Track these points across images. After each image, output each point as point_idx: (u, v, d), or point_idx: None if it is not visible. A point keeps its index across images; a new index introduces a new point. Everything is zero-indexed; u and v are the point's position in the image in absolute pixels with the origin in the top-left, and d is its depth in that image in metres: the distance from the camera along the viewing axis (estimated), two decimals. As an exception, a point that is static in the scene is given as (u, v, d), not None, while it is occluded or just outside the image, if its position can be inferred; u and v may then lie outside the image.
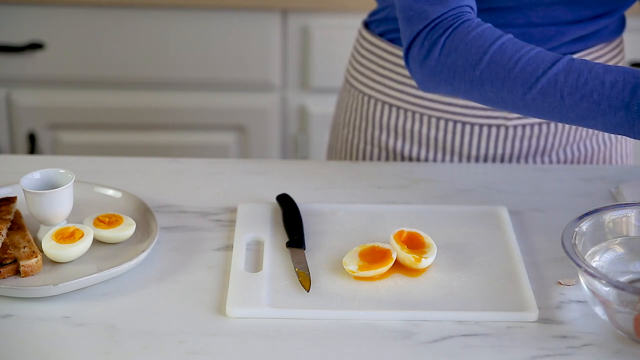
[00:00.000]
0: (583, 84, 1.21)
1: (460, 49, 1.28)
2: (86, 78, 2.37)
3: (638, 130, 1.19)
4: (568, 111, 1.23)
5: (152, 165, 1.50)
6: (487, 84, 1.27)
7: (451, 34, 1.29)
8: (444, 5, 1.29)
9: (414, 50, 1.32)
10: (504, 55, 1.26)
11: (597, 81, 1.21)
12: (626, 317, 1.10)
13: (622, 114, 1.19)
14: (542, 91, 1.23)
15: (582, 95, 1.21)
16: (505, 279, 1.22)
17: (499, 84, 1.26)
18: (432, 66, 1.30)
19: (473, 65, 1.27)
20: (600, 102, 1.20)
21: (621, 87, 1.19)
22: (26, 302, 1.16)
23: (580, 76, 1.22)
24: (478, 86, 1.28)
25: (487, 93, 1.28)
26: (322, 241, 1.29)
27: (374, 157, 1.61)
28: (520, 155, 1.56)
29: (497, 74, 1.26)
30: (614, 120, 1.20)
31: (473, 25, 1.28)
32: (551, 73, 1.23)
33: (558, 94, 1.23)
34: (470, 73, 1.27)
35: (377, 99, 1.58)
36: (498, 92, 1.27)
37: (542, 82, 1.23)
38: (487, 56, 1.26)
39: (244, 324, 1.14)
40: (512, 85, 1.25)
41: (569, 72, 1.22)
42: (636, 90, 1.18)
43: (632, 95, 1.19)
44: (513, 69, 1.25)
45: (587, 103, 1.21)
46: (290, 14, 2.33)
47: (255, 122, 2.42)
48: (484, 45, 1.27)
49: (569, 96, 1.22)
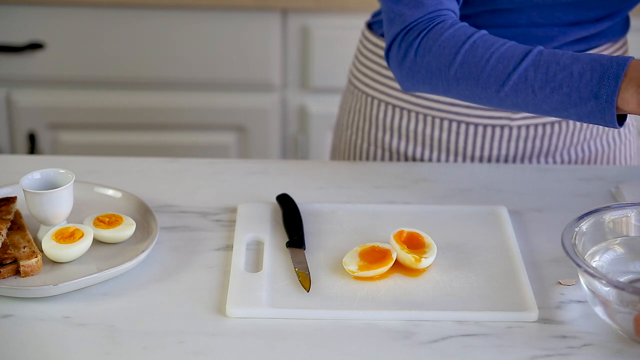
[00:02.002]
0: (552, 76, 1.23)
1: (433, 51, 1.30)
2: (86, 78, 2.37)
3: (609, 118, 1.20)
4: (541, 104, 1.25)
5: (152, 165, 1.50)
6: (462, 82, 1.29)
7: (425, 36, 1.31)
8: (421, 9, 1.32)
9: (393, 52, 1.35)
10: (476, 53, 1.28)
11: (565, 73, 1.22)
12: (626, 317, 1.10)
13: (592, 103, 1.21)
14: (514, 87, 1.25)
15: (552, 88, 1.23)
16: (505, 279, 1.22)
17: (473, 82, 1.28)
18: (410, 67, 1.33)
19: (447, 66, 1.29)
20: (570, 94, 1.22)
21: (589, 77, 1.20)
22: (26, 302, 1.16)
23: (549, 69, 1.23)
24: (454, 85, 1.30)
25: (463, 91, 1.30)
26: (322, 241, 1.29)
27: (377, 158, 1.61)
28: (525, 156, 1.56)
29: (470, 73, 1.28)
30: (585, 110, 1.22)
31: (447, 25, 1.31)
32: (521, 69, 1.25)
33: (530, 89, 1.25)
34: (445, 73, 1.30)
35: (380, 100, 1.58)
36: (473, 90, 1.29)
37: (513, 79, 1.25)
38: (459, 56, 1.28)
39: (244, 324, 1.14)
40: (485, 83, 1.27)
41: (538, 66, 1.24)
42: (603, 80, 1.19)
43: (599, 85, 1.20)
44: (485, 67, 1.27)
45: (558, 95, 1.23)
46: (290, 14, 2.33)
47: (255, 122, 2.42)
48: (456, 45, 1.29)
49: (540, 90, 1.24)
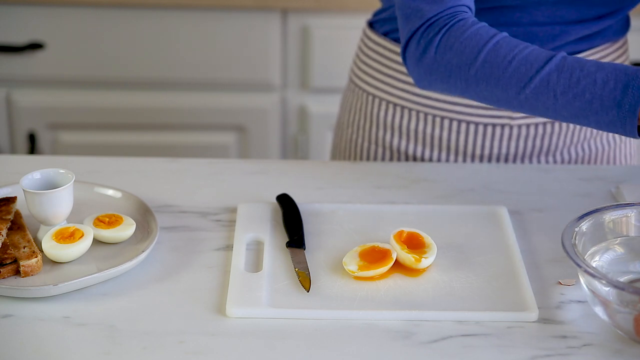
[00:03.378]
0: (575, 82, 1.22)
1: (455, 48, 1.28)
2: (86, 78, 2.37)
3: (630, 128, 1.20)
4: (561, 110, 1.24)
5: (152, 165, 1.50)
6: (482, 82, 1.28)
7: (446, 33, 1.29)
8: (440, 4, 1.30)
9: (410, 48, 1.33)
10: (498, 54, 1.26)
11: (589, 80, 1.21)
12: (626, 317, 1.10)
13: (614, 112, 1.20)
14: (536, 90, 1.24)
15: (574, 94, 1.22)
16: (505, 279, 1.22)
17: (494, 83, 1.27)
18: (429, 64, 1.31)
19: (468, 64, 1.28)
20: (592, 101, 1.21)
21: (612, 86, 1.20)
22: (26, 302, 1.16)
23: (572, 75, 1.22)
24: (473, 85, 1.29)
25: (482, 92, 1.29)
26: (322, 241, 1.29)
27: (378, 157, 1.60)
28: (525, 155, 1.56)
29: (492, 73, 1.26)
30: (606, 119, 1.21)
31: (468, 24, 1.29)
32: (544, 72, 1.23)
33: (551, 93, 1.23)
34: (465, 72, 1.28)
35: (381, 99, 1.58)
36: (493, 91, 1.27)
37: (535, 82, 1.24)
38: (481, 55, 1.27)
39: (244, 323, 1.14)
40: (506, 85, 1.26)
41: (562, 71, 1.23)
42: (627, 89, 1.19)
43: (623, 94, 1.19)
44: (507, 68, 1.25)
45: (580, 102, 1.22)
46: (290, 14, 2.33)
47: (255, 122, 2.42)
48: (478, 44, 1.27)
49: (561, 95, 1.23)
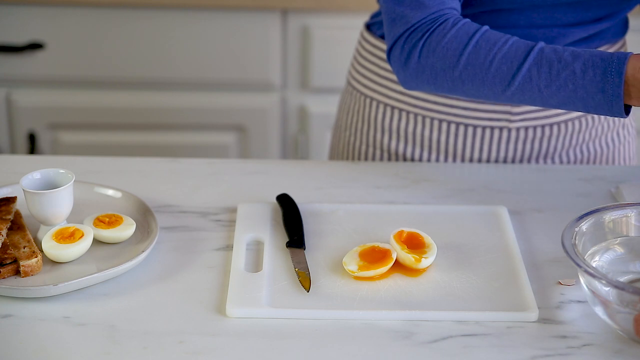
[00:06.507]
0: (556, 75, 1.26)
1: (437, 52, 1.32)
2: (86, 78, 2.37)
3: (617, 110, 1.25)
4: (549, 100, 1.29)
5: (152, 165, 1.50)
6: (468, 83, 1.32)
7: (429, 38, 1.33)
8: (423, 10, 1.33)
9: (395, 53, 1.36)
10: (479, 55, 1.30)
11: (568, 71, 1.26)
12: (626, 317, 1.10)
13: (599, 97, 1.25)
14: (520, 87, 1.29)
15: (557, 86, 1.27)
16: (505, 279, 1.22)
17: (479, 83, 1.31)
18: (413, 68, 1.34)
19: (452, 67, 1.31)
20: (576, 90, 1.26)
21: (592, 74, 1.24)
22: (26, 302, 1.16)
23: (551, 68, 1.27)
24: (459, 85, 1.33)
25: (469, 91, 1.33)
26: (322, 241, 1.29)
27: (375, 159, 1.61)
28: (524, 158, 1.56)
29: (475, 74, 1.31)
30: (593, 103, 1.26)
31: (449, 26, 1.32)
32: (524, 69, 1.28)
33: (535, 88, 1.28)
34: (450, 74, 1.32)
35: (379, 101, 1.58)
36: (479, 89, 1.32)
37: (518, 79, 1.28)
38: (463, 58, 1.30)
39: (244, 323, 1.14)
40: (491, 84, 1.30)
41: (541, 65, 1.27)
42: (606, 75, 1.24)
43: (604, 81, 1.24)
44: (489, 68, 1.30)
45: (564, 92, 1.27)
46: (290, 14, 2.33)
47: (255, 122, 2.42)
48: (459, 47, 1.31)
49: (545, 88, 1.28)
